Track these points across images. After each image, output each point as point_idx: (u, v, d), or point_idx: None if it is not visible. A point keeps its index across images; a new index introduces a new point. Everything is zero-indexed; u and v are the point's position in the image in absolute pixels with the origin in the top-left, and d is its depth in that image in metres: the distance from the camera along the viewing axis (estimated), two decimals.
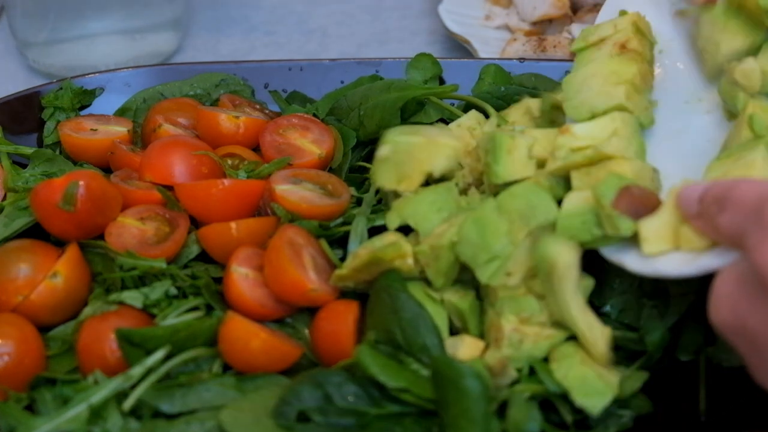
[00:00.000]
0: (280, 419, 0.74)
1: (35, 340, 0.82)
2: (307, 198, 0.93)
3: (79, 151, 1.04)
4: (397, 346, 0.79)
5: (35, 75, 1.37)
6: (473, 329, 0.82)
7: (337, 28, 1.51)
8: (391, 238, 0.84)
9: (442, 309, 0.83)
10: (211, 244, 0.90)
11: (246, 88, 1.15)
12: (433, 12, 1.47)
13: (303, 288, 0.82)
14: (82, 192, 0.86)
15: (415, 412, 0.76)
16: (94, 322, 0.82)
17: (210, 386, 0.78)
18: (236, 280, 0.84)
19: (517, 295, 0.79)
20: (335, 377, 0.76)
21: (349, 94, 1.08)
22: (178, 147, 0.97)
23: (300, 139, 1.03)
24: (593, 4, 1.38)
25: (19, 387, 0.80)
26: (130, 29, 1.32)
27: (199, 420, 0.75)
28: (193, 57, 1.43)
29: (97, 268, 0.89)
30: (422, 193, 0.88)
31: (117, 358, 0.79)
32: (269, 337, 0.80)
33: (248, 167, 0.98)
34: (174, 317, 0.82)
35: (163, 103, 1.10)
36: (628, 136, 0.82)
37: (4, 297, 0.84)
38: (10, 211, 0.95)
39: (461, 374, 0.72)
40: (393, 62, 1.14)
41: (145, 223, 0.91)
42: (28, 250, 0.87)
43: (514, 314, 0.79)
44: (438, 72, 1.13)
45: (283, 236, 0.85)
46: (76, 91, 1.11)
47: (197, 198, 0.91)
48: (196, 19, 1.51)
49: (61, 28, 1.31)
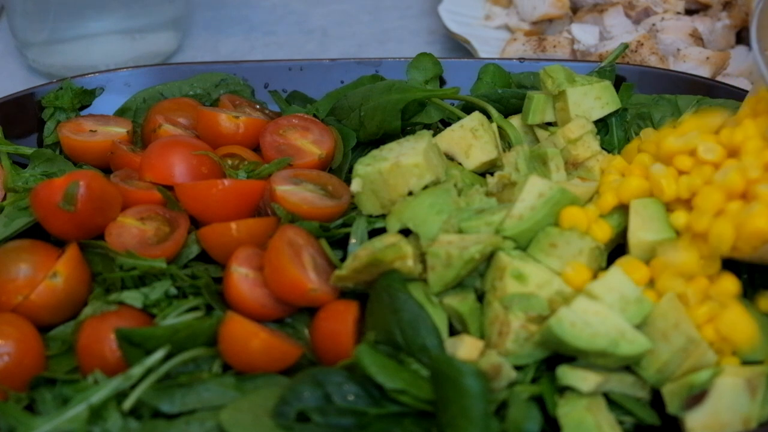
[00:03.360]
0: (280, 419, 0.74)
1: (35, 340, 0.82)
2: (307, 199, 0.93)
3: (78, 153, 1.04)
4: (397, 346, 0.79)
5: (35, 75, 1.37)
6: (474, 332, 0.82)
7: (337, 28, 1.51)
8: (391, 239, 0.84)
9: (441, 309, 0.83)
10: (211, 244, 0.90)
11: (246, 88, 1.15)
12: (433, 12, 1.47)
13: (303, 288, 0.82)
14: (83, 192, 0.86)
15: (415, 412, 0.76)
16: (94, 322, 0.82)
17: (210, 386, 0.78)
18: (236, 280, 0.84)
19: (529, 294, 0.80)
20: (335, 377, 0.76)
21: (350, 94, 1.08)
22: (178, 147, 0.97)
23: (300, 140, 1.03)
24: (593, 4, 1.38)
25: (19, 387, 0.80)
26: (130, 29, 1.32)
27: (198, 420, 0.75)
28: (193, 57, 1.43)
29: (97, 268, 0.89)
30: (421, 196, 0.88)
31: (117, 358, 0.80)
32: (269, 337, 0.80)
33: (248, 167, 0.98)
34: (174, 317, 0.82)
35: (163, 103, 1.10)
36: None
37: (4, 297, 0.84)
38: (10, 211, 0.95)
39: (461, 373, 0.73)
40: (393, 62, 1.14)
41: (145, 223, 0.91)
42: (28, 250, 0.87)
43: (523, 311, 0.79)
44: (439, 72, 1.13)
45: (283, 236, 0.85)
46: (76, 91, 1.11)
47: (197, 198, 0.91)
48: (196, 19, 1.51)
49: (61, 28, 1.31)
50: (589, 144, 0.97)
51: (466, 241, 0.83)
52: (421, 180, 0.90)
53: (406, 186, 0.90)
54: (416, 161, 0.90)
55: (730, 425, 0.74)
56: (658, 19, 1.31)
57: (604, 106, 1.02)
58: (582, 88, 1.01)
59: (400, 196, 0.90)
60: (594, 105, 1.01)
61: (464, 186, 0.92)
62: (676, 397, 0.76)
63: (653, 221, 0.85)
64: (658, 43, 1.28)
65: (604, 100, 1.02)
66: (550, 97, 1.02)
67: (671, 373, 0.78)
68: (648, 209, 0.85)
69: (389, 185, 0.90)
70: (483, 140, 0.99)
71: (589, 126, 0.98)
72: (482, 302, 0.84)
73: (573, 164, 0.98)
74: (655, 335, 0.78)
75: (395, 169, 0.90)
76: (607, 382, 0.78)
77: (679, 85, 1.09)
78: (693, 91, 1.07)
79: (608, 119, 1.03)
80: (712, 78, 1.21)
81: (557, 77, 1.01)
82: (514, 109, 1.07)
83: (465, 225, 0.86)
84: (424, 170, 0.90)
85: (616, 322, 0.77)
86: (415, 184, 0.90)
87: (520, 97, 1.06)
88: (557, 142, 0.98)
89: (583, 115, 1.01)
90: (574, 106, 1.00)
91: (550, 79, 1.02)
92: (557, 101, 1.02)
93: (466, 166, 0.99)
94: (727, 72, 1.28)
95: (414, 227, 0.86)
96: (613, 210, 0.87)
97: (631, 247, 0.85)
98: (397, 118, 1.02)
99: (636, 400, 0.79)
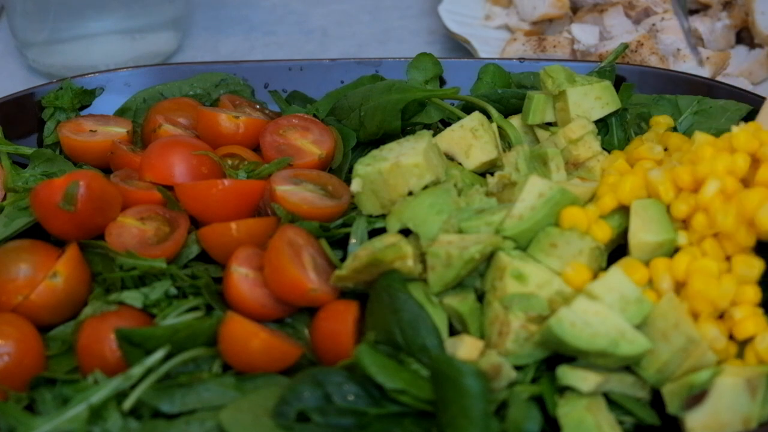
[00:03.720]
0: (280, 419, 0.74)
1: (35, 340, 0.82)
2: (307, 199, 0.93)
3: (78, 153, 1.04)
4: (397, 346, 0.79)
5: (35, 75, 1.37)
6: (474, 332, 0.82)
7: (337, 28, 1.51)
8: (391, 239, 0.84)
9: (441, 309, 0.83)
10: (211, 244, 0.90)
11: (246, 88, 1.15)
12: (433, 12, 1.47)
13: (303, 288, 0.82)
14: (83, 192, 0.86)
15: (415, 412, 0.76)
16: (94, 322, 0.82)
17: (210, 386, 0.78)
18: (236, 280, 0.84)
19: (529, 294, 0.80)
20: (335, 376, 0.76)
21: (350, 94, 1.08)
22: (178, 147, 0.97)
23: (300, 140, 1.03)
24: (593, 4, 1.38)
25: (19, 387, 0.80)
26: (130, 29, 1.32)
27: (198, 420, 0.75)
28: (193, 57, 1.43)
29: (97, 268, 0.89)
30: (421, 196, 0.88)
31: (117, 358, 0.79)
32: (269, 337, 0.80)
33: (248, 167, 0.98)
34: (174, 317, 0.82)
35: (163, 103, 1.10)
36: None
37: (4, 297, 0.84)
38: (10, 211, 0.95)
39: (461, 373, 0.72)
40: (393, 62, 1.14)
41: (145, 223, 0.91)
42: (28, 250, 0.87)
43: (523, 311, 0.79)
44: (439, 72, 1.13)
45: (283, 236, 0.85)
46: (76, 91, 1.11)
47: (197, 198, 0.91)
48: (196, 19, 1.51)
49: (61, 28, 1.31)
50: (590, 144, 0.97)
51: (466, 241, 0.83)
52: (421, 180, 0.90)
53: (406, 186, 0.90)
54: (416, 161, 0.90)
55: (730, 425, 0.74)
56: (658, 19, 1.31)
57: (605, 106, 1.02)
58: (582, 89, 1.01)
59: (400, 196, 0.90)
60: (594, 105, 1.01)
61: (464, 186, 0.92)
62: (676, 397, 0.76)
63: (654, 222, 0.85)
64: (658, 43, 1.28)
65: (605, 100, 1.02)
66: (550, 97, 1.02)
67: (671, 373, 0.78)
68: (649, 210, 0.85)
69: (389, 185, 0.90)
70: (483, 140, 0.99)
71: (590, 126, 0.98)
72: (482, 302, 0.84)
73: (574, 164, 0.98)
74: (655, 335, 0.78)
75: (395, 169, 0.90)
76: (607, 382, 0.78)
77: (679, 85, 1.09)
78: (693, 91, 1.07)
79: (608, 119, 1.03)
80: (712, 78, 1.22)
81: (557, 77, 1.01)
82: (514, 109, 1.07)
83: (465, 225, 0.86)
84: (424, 170, 0.90)
85: (616, 322, 0.77)
86: (415, 184, 0.90)
87: (520, 97, 1.06)
88: (558, 142, 0.98)
89: (583, 116, 1.01)
90: (575, 106, 1.00)
91: (551, 79, 1.02)
92: (557, 101, 1.02)
93: (466, 166, 0.99)
94: (727, 72, 1.28)
95: (414, 227, 0.86)
96: (614, 211, 0.87)
97: (631, 248, 0.85)
98: (397, 118, 1.02)
99: (636, 400, 0.79)
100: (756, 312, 0.79)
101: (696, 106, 1.05)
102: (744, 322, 0.78)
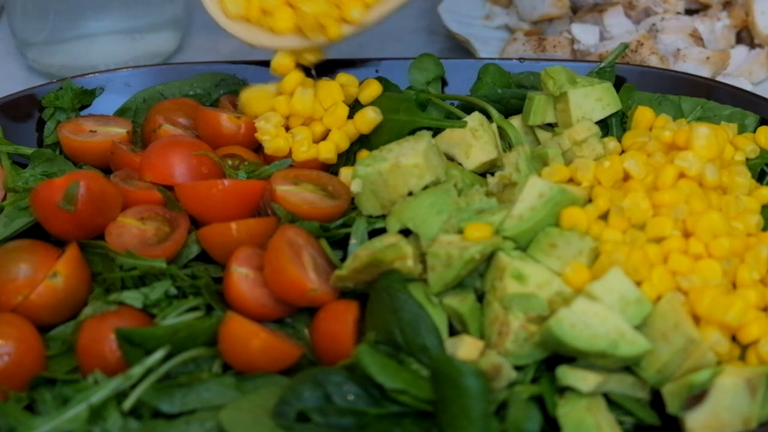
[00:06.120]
0: (280, 419, 0.74)
1: (35, 340, 0.82)
2: (308, 199, 0.93)
3: (78, 153, 1.04)
4: (397, 346, 0.79)
5: (35, 75, 1.37)
6: (474, 332, 0.82)
7: None
8: (391, 239, 0.84)
9: (441, 309, 0.83)
10: (211, 244, 0.90)
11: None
12: (433, 12, 1.47)
13: (303, 288, 0.82)
14: (83, 192, 0.86)
15: (415, 412, 0.76)
16: (94, 322, 0.82)
17: (210, 386, 0.78)
18: (236, 280, 0.84)
19: (529, 294, 0.80)
20: (335, 376, 0.76)
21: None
22: (178, 147, 0.97)
23: None
24: (593, 4, 1.38)
25: (19, 387, 0.80)
26: (130, 29, 1.32)
27: (198, 420, 0.75)
28: (193, 57, 1.43)
29: (97, 268, 0.89)
30: (421, 196, 0.88)
31: (117, 358, 0.79)
32: (269, 337, 0.80)
33: (248, 168, 0.98)
34: (174, 317, 0.82)
35: (163, 103, 1.10)
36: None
37: (4, 297, 0.84)
38: (10, 211, 0.95)
39: (461, 373, 0.72)
40: (393, 62, 1.14)
41: (145, 223, 0.91)
42: (28, 250, 0.87)
43: (523, 312, 0.79)
44: (440, 73, 1.13)
45: (283, 236, 0.85)
46: (76, 91, 1.11)
47: (197, 198, 0.91)
48: (196, 19, 1.51)
49: (61, 28, 1.31)
50: (594, 146, 0.97)
51: (466, 241, 0.83)
52: (421, 180, 0.90)
53: (406, 186, 0.90)
54: (416, 161, 0.90)
55: (730, 425, 0.74)
56: (658, 19, 1.31)
57: (605, 107, 1.02)
58: (583, 90, 1.01)
59: (400, 197, 0.90)
60: (595, 106, 1.01)
61: (464, 186, 0.92)
62: (676, 397, 0.76)
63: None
64: (658, 43, 1.28)
65: (605, 101, 1.02)
66: (551, 98, 1.02)
67: (671, 373, 0.78)
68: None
69: (389, 186, 0.90)
70: (483, 140, 0.99)
71: (594, 128, 0.98)
72: (482, 302, 0.84)
73: None
74: (654, 336, 0.78)
75: (395, 170, 0.90)
76: (606, 382, 0.78)
77: (679, 85, 1.08)
78: (693, 90, 1.07)
79: (608, 119, 1.03)
80: (712, 78, 1.22)
81: (559, 78, 1.01)
82: (514, 109, 1.07)
83: (465, 225, 0.86)
84: (424, 170, 0.90)
85: (615, 322, 0.77)
86: (415, 184, 0.90)
87: (520, 97, 1.06)
88: (562, 144, 0.98)
89: (585, 117, 1.01)
90: (576, 107, 1.00)
91: (552, 80, 1.02)
92: (558, 102, 1.02)
93: (466, 166, 0.99)
94: (727, 72, 1.28)
95: (414, 227, 0.86)
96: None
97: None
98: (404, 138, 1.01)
99: (636, 401, 0.79)
100: (760, 315, 0.79)
101: (699, 111, 1.05)
102: (748, 326, 0.78)
